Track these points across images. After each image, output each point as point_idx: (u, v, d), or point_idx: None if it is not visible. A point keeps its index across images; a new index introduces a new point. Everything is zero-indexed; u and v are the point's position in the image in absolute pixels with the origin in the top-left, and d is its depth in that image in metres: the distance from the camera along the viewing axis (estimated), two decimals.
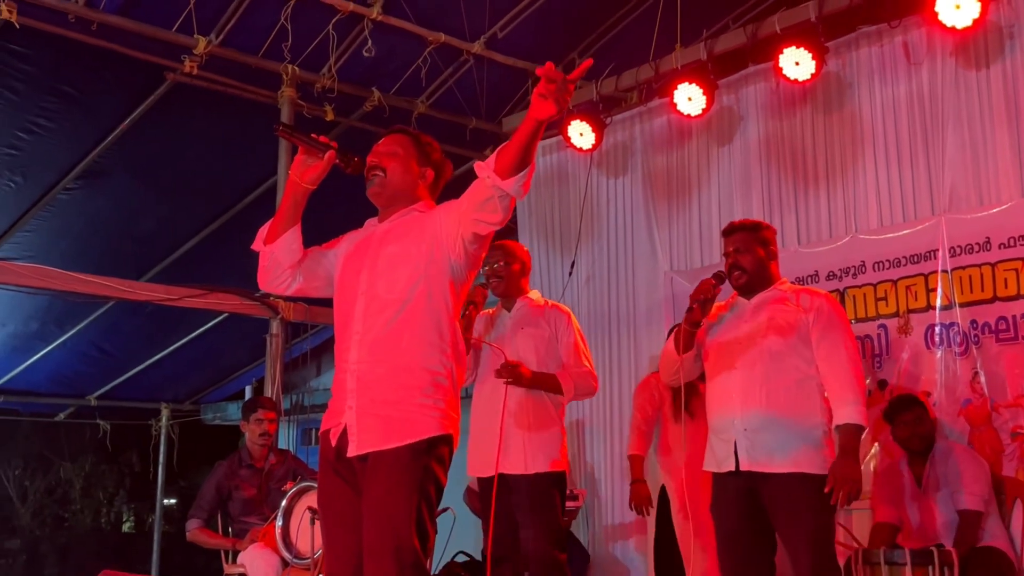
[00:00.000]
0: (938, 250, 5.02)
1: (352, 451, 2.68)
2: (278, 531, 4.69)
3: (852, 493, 3.49)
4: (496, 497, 3.90)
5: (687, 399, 4.96)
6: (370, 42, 5.93)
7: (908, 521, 4.57)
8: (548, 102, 2.45)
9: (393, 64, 6.36)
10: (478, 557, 4.59)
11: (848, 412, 3.59)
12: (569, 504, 5.34)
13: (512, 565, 3.98)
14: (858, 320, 5.27)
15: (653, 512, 5.22)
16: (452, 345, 2.78)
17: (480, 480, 4.15)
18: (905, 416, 4.56)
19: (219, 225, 7.29)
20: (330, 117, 6.37)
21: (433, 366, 2.72)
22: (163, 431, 9.71)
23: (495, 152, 2.61)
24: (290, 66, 6.10)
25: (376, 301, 2.76)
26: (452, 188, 7.40)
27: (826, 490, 3.50)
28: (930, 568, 3.99)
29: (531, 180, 2.61)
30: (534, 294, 4.36)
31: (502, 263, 4.27)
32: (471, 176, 2.69)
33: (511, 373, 3.93)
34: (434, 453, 2.67)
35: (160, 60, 5.81)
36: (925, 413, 4.58)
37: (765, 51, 5.66)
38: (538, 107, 2.47)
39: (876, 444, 5.11)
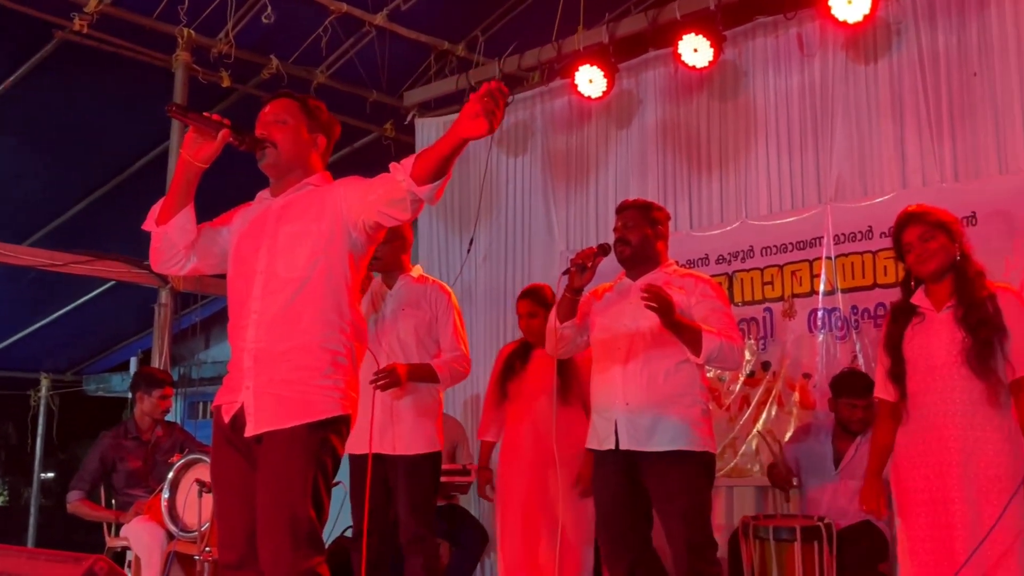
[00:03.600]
0: (823, 237, 5.22)
1: (250, 431, 2.68)
2: (164, 503, 4.63)
3: (661, 298, 3.52)
4: (369, 474, 3.91)
5: (506, 380, 5.00)
6: (269, 8, 5.84)
7: (809, 490, 4.75)
8: (482, 121, 2.41)
9: (293, 32, 6.26)
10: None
11: (711, 336, 3.64)
12: (461, 479, 5.41)
13: (380, 537, 4.04)
14: (745, 303, 5.45)
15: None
16: (352, 324, 2.79)
17: (352, 456, 4.16)
18: (860, 401, 4.58)
19: (108, 190, 7.10)
20: (226, 83, 6.25)
21: (333, 345, 2.73)
22: (42, 402, 9.44)
23: (414, 157, 2.60)
24: (185, 29, 5.96)
25: (275, 280, 2.74)
26: (353, 160, 7.30)
27: (643, 294, 3.57)
28: (816, 543, 4.18)
29: (444, 189, 2.63)
30: (416, 270, 4.34)
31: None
32: (372, 149, 2.71)
33: (386, 383, 3.91)
34: (331, 427, 2.69)
35: (48, 16, 5.62)
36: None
37: (665, 37, 5.77)
38: (470, 126, 2.43)
39: (758, 424, 5.32)
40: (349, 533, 6.21)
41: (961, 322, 3.33)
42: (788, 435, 5.11)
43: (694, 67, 5.56)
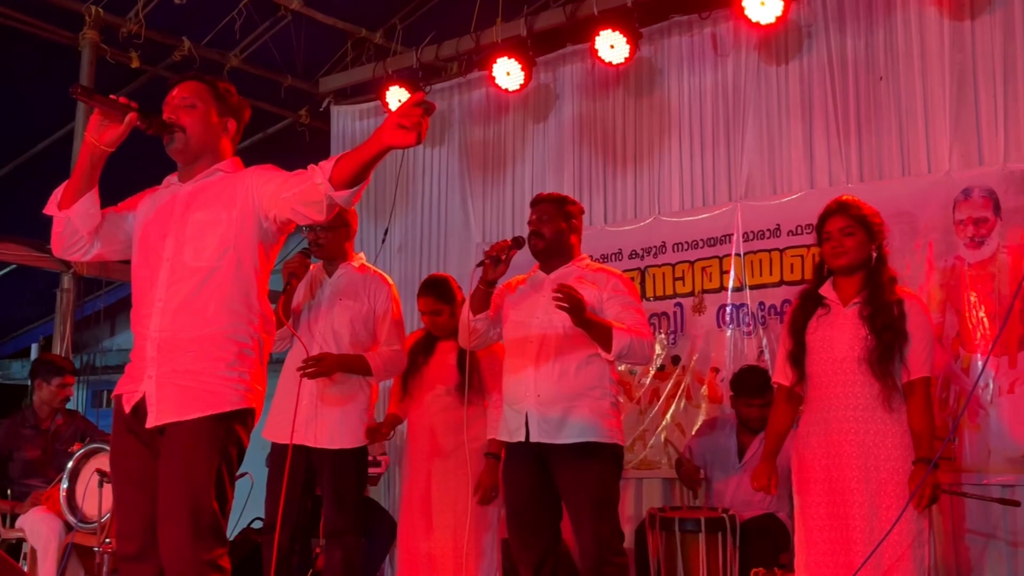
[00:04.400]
0: (733, 234, 5.32)
1: (151, 421, 2.62)
2: (63, 493, 4.52)
3: (573, 299, 3.54)
4: (288, 466, 3.80)
5: (408, 375, 4.70)
6: None
7: (714, 482, 4.83)
8: (410, 133, 2.38)
9: (206, 14, 6.13)
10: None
11: (621, 333, 3.68)
12: (372, 471, 5.37)
13: (292, 530, 3.96)
14: (656, 298, 5.52)
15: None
16: (261, 315, 2.75)
17: (274, 445, 4.12)
18: (756, 400, 4.69)
19: (9, 170, 6.87)
20: (135, 64, 6.09)
21: (240, 336, 2.69)
22: None
23: (334, 160, 2.56)
24: (94, 7, 5.80)
25: (182, 268, 2.68)
26: (267, 147, 7.16)
27: (555, 294, 3.56)
28: (720, 535, 4.27)
29: (362, 194, 2.60)
30: (358, 259, 4.27)
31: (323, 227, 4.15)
32: (286, 135, 2.67)
33: (314, 371, 3.86)
34: (236, 419, 2.66)
35: None
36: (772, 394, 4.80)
37: (583, 32, 5.78)
38: (395, 135, 2.39)
39: (667, 417, 5.41)
40: (257, 524, 6.15)
41: (866, 321, 3.43)
42: (696, 428, 5.20)
43: (610, 63, 5.60)
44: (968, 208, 4.65)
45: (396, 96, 6.25)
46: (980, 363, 4.49)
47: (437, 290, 4.71)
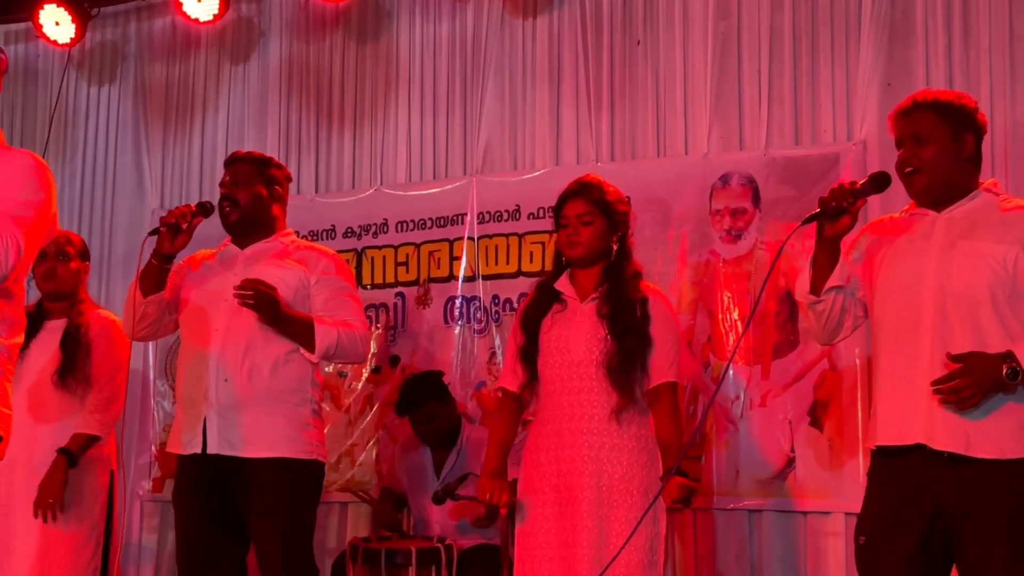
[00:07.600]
0: (467, 214, 5.36)
1: None
2: None
3: (261, 292, 3.60)
4: None
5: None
6: None
7: (415, 508, 4.89)
8: None
9: None
10: None
11: (325, 329, 3.74)
12: None
13: None
14: (374, 286, 5.49)
15: None
16: None
17: None
18: (415, 416, 4.80)
19: None
20: None
21: None
22: None
23: None
24: None
25: None
26: None
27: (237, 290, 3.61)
28: (434, 567, 4.31)
29: None
30: None
31: None
32: None
33: None
34: None
35: None
36: (439, 404, 4.81)
37: None
38: None
39: (381, 430, 5.44)
40: None
41: (605, 320, 3.54)
42: None
43: None
44: (726, 197, 4.87)
45: (52, 17, 5.92)
46: (731, 372, 4.71)
47: None
